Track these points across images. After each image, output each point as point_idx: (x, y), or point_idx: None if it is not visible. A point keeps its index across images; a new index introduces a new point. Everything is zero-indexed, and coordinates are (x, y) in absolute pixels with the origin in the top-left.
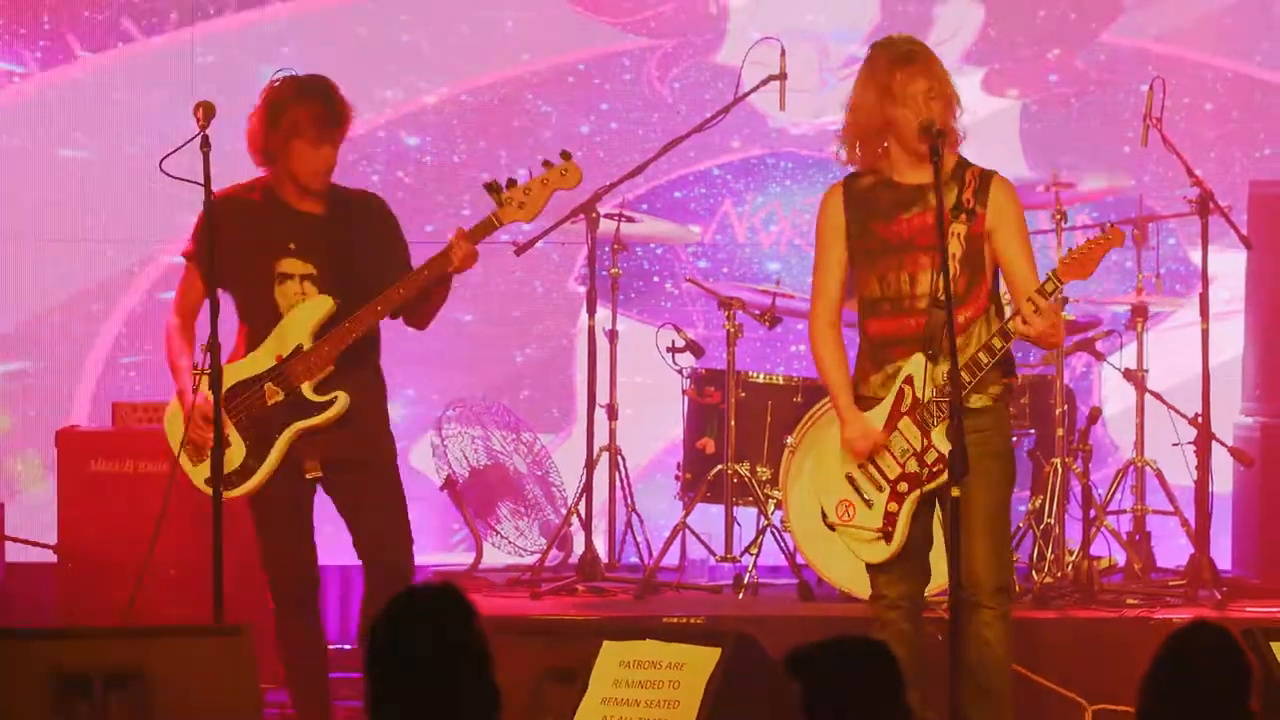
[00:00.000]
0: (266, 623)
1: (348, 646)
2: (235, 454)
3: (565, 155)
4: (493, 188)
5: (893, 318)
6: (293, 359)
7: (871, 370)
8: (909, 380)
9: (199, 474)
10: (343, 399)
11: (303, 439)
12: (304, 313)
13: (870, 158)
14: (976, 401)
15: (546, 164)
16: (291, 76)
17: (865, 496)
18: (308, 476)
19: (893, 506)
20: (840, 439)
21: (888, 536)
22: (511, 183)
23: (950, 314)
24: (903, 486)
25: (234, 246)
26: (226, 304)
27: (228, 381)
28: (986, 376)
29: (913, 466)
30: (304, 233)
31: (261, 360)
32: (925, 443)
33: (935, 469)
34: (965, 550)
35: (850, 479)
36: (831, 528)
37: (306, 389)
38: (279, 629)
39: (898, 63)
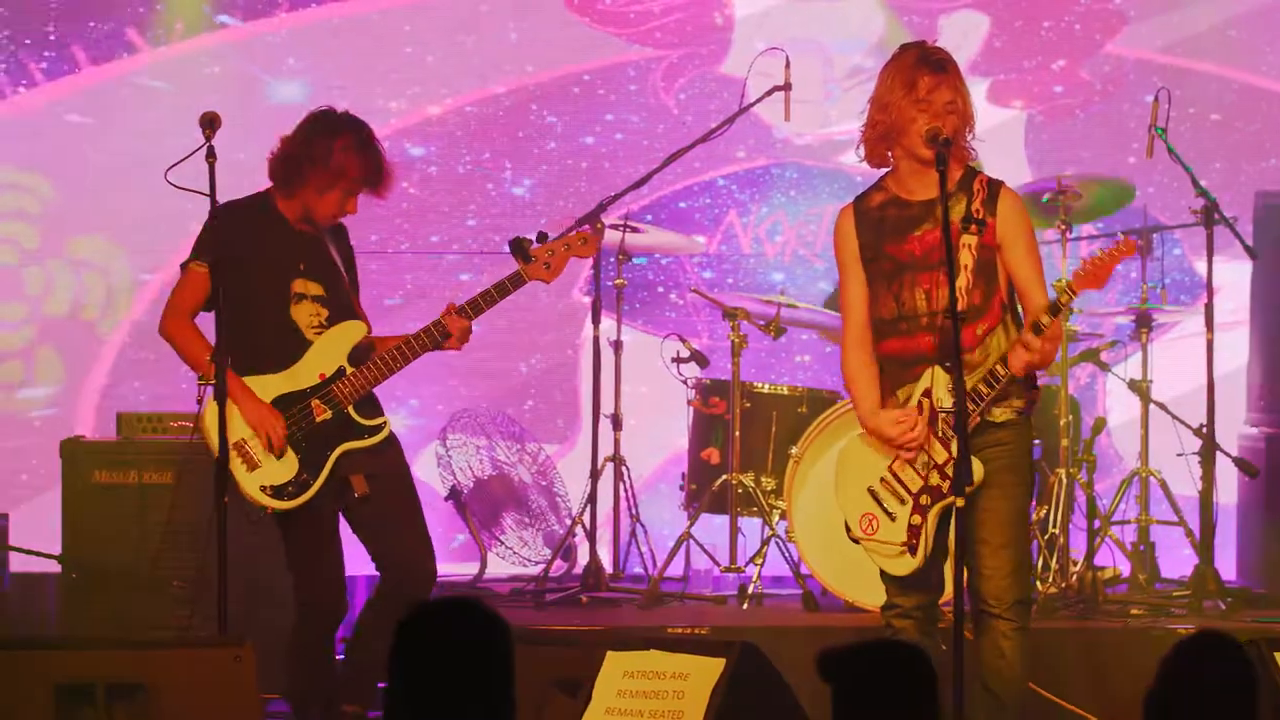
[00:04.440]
0: (269, 635)
1: None
2: (288, 466)
3: (595, 224)
4: (518, 246)
5: (911, 336)
6: (338, 380)
7: (894, 389)
8: (927, 393)
9: (251, 481)
10: (389, 425)
11: (345, 456)
12: (341, 335)
13: (884, 159)
14: (999, 415)
15: (566, 232)
16: (348, 123)
17: (888, 510)
18: (357, 495)
19: (916, 519)
20: (880, 443)
21: (912, 550)
22: (543, 236)
23: (957, 327)
24: (925, 499)
25: (248, 261)
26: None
27: (268, 394)
28: (1009, 389)
29: (934, 479)
30: (310, 254)
31: (301, 377)
32: (946, 455)
33: None
34: (985, 563)
35: (872, 492)
36: (856, 541)
37: (352, 410)
38: (301, 644)
39: (927, 66)
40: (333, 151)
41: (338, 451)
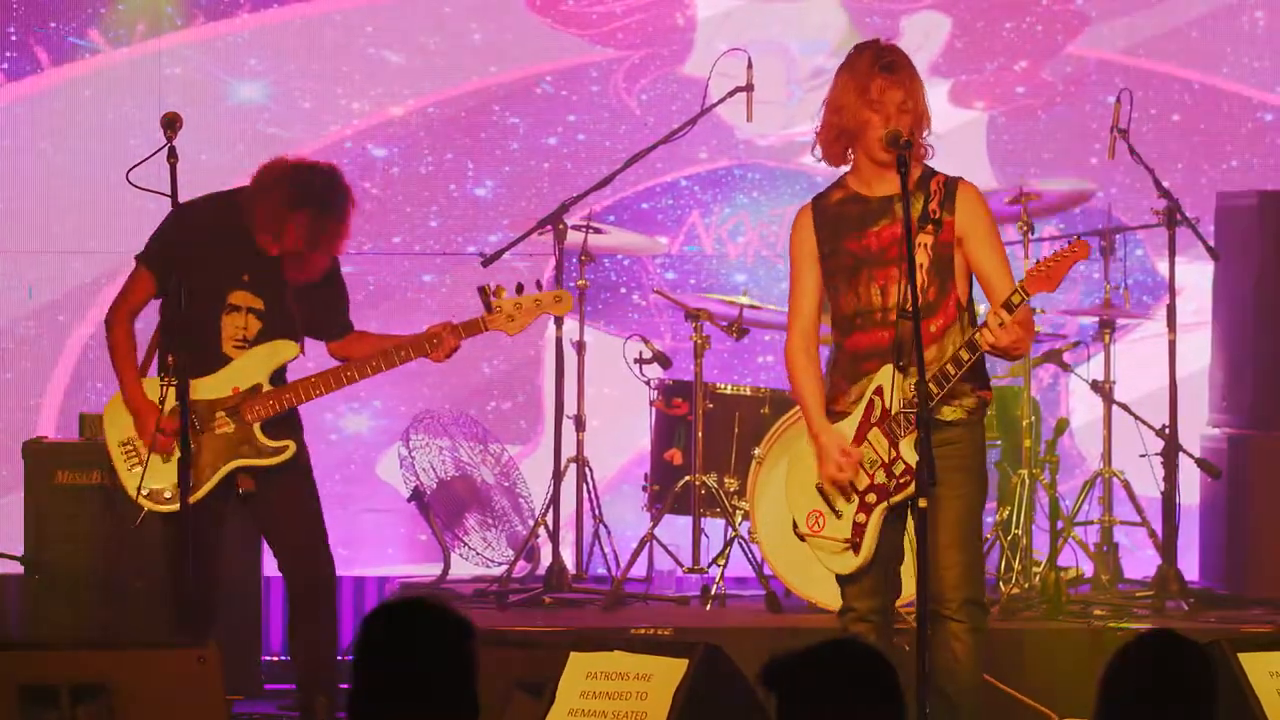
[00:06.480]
0: (232, 635)
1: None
2: (172, 471)
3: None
4: (486, 293)
5: (867, 331)
6: (251, 396)
7: (846, 385)
8: (879, 391)
9: (131, 479)
10: (292, 449)
11: (239, 471)
12: (267, 352)
13: (841, 158)
14: (948, 414)
15: (539, 285)
16: (307, 186)
17: (835, 507)
18: (240, 491)
19: (861, 518)
20: (814, 454)
21: (855, 548)
22: (502, 290)
23: (918, 324)
24: (871, 498)
25: (193, 263)
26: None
27: (173, 398)
28: (958, 388)
29: (881, 478)
30: (259, 268)
31: (215, 387)
32: (893, 454)
33: (903, 480)
34: (934, 563)
35: (820, 490)
36: (802, 538)
37: (257, 428)
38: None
39: (878, 68)
40: (276, 197)
41: (230, 466)
